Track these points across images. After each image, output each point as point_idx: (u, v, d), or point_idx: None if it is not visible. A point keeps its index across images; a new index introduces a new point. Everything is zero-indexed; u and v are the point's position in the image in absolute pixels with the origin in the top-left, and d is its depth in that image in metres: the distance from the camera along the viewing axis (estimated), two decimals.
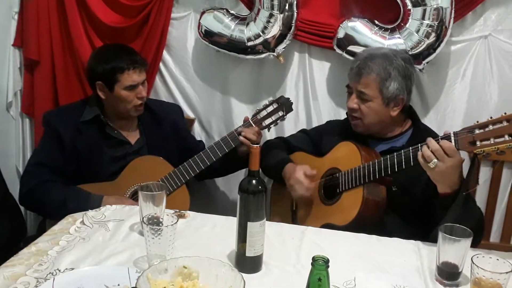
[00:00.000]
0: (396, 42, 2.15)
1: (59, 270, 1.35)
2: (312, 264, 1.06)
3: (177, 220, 1.36)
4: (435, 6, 2.07)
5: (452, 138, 1.58)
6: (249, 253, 1.37)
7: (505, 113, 1.49)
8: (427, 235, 1.63)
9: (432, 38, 2.12)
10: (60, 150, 2.10)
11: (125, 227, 1.62)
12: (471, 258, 1.27)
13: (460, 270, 1.36)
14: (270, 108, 2.16)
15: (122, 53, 2.08)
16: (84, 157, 2.12)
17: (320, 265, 1.04)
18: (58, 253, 1.44)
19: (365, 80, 1.90)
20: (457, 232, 1.36)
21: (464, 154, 1.61)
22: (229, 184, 2.66)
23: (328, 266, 1.05)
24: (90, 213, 1.69)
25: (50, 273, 1.34)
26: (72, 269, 1.36)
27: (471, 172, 1.64)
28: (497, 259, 1.28)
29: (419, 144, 1.66)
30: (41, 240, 1.51)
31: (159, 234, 1.32)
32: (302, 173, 1.96)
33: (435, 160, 1.56)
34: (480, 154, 1.54)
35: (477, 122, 1.55)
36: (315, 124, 2.46)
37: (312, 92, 2.47)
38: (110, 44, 2.34)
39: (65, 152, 2.10)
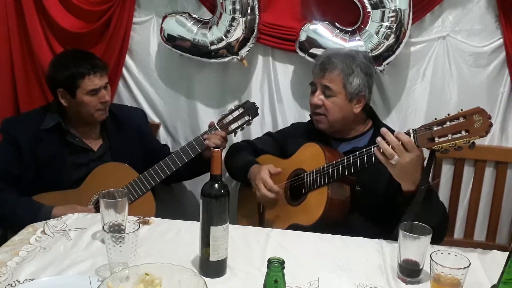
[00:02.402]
0: (356, 44, 2.18)
1: (18, 281, 1.33)
2: (268, 266, 1.06)
3: (139, 227, 1.35)
4: (393, 8, 2.10)
5: (411, 135, 1.60)
6: (213, 257, 1.37)
7: (462, 110, 1.53)
8: (391, 234, 1.66)
9: (391, 39, 2.15)
10: (17, 159, 2.06)
11: (87, 235, 1.60)
12: (430, 255, 1.29)
13: (421, 267, 1.39)
14: (236, 113, 2.17)
15: (81, 58, 2.05)
16: (44, 165, 2.08)
17: (275, 267, 1.04)
18: (18, 264, 1.41)
19: (329, 75, 1.93)
20: (417, 229, 1.39)
21: (425, 152, 1.65)
22: (197, 189, 2.64)
23: (283, 268, 1.05)
24: (51, 222, 1.67)
25: (9, 284, 1.31)
26: (32, 279, 1.34)
27: (429, 168, 1.67)
28: (455, 255, 1.31)
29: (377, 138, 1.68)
30: (0, 251, 1.48)
31: (121, 241, 1.30)
32: (267, 172, 1.97)
33: (397, 157, 1.58)
34: (438, 151, 1.58)
35: (435, 119, 1.58)
36: (280, 126, 2.47)
37: (277, 94, 2.48)
38: (68, 50, 2.29)
39: (23, 161, 2.06)
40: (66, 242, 1.56)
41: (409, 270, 1.39)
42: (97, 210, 2.01)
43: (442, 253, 1.31)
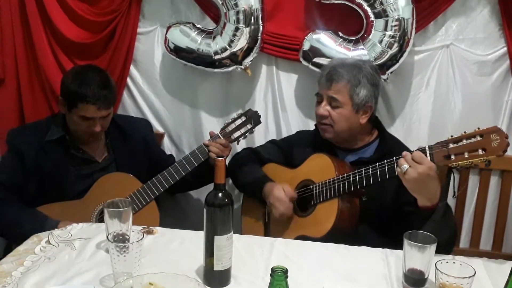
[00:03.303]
0: (360, 53, 2.18)
1: None
2: (271, 275, 1.06)
3: (143, 237, 1.35)
4: (396, 17, 2.11)
5: (427, 152, 1.59)
6: (217, 267, 1.37)
7: (478, 128, 1.52)
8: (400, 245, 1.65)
9: (395, 48, 2.16)
10: (21, 169, 2.06)
11: (91, 245, 1.60)
12: (435, 264, 1.29)
13: (426, 276, 1.38)
14: (238, 121, 2.17)
15: (92, 83, 2.00)
16: (48, 176, 2.08)
17: (279, 276, 1.04)
18: (23, 274, 1.41)
19: (336, 86, 1.92)
20: (422, 238, 1.38)
21: None
22: (201, 198, 2.64)
23: (287, 277, 1.06)
24: (56, 232, 1.67)
25: None
26: None
27: (448, 186, 1.66)
28: (461, 264, 1.31)
29: (394, 158, 1.67)
30: (5, 261, 1.48)
31: (125, 251, 1.30)
32: (282, 191, 1.95)
33: (405, 165, 1.57)
34: (455, 168, 1.57)
35: (451, 136, 1.56)
36: (284, 135, 2.46)
37: (280, 104, 2.49)
38: (90, 67, 2.17)
39: (27, 171, 2.06)
40: (71, 252, 1.56)
41: (414, 279, 1.38)
42: (101, 222, 2.01)
43: (447, 262, 1.31)
